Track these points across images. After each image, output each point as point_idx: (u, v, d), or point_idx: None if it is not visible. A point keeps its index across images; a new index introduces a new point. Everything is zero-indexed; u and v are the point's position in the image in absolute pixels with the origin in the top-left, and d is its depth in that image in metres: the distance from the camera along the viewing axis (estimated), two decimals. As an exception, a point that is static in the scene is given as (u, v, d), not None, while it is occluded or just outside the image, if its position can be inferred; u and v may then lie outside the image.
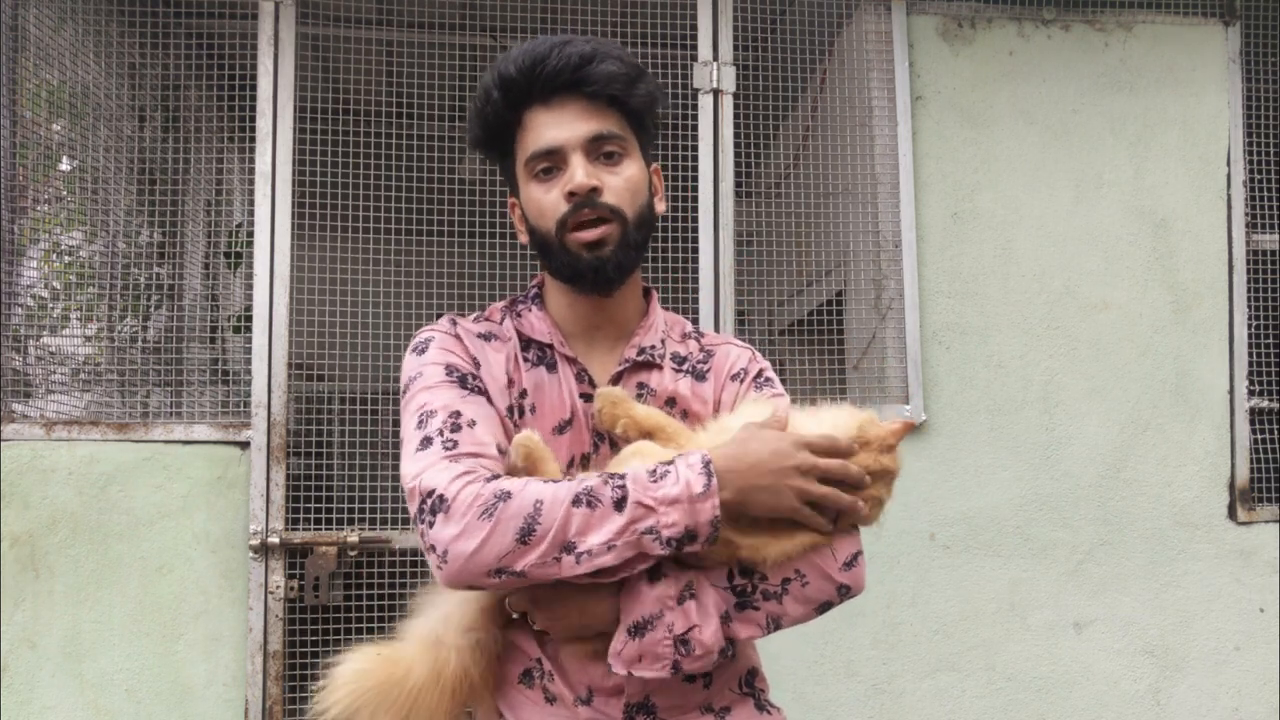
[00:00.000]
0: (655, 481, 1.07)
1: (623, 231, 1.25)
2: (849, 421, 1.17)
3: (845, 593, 1.18)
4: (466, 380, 1.23)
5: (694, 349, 1.38)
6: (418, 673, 1.16)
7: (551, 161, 1.24)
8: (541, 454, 1.19)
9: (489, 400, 1.24)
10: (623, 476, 1.08)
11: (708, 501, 1.06)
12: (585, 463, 1.27)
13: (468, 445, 1.14)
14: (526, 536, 1.05)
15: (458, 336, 1.29)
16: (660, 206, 1.36)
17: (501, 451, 1.19)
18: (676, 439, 1.20)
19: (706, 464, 1.08)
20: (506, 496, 1.06)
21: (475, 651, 1.18)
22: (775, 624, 1.16)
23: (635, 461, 1.14)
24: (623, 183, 1.25)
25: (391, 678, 1.16)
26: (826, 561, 1.16)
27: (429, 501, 1.09)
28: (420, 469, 1.12)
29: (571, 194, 1.22)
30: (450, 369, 1.23)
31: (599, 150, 1.25)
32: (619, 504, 1.06)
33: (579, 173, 1.22)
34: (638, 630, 1.10)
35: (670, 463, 1.09)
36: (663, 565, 1.11)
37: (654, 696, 1.18)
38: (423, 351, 1.26)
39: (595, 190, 1.23)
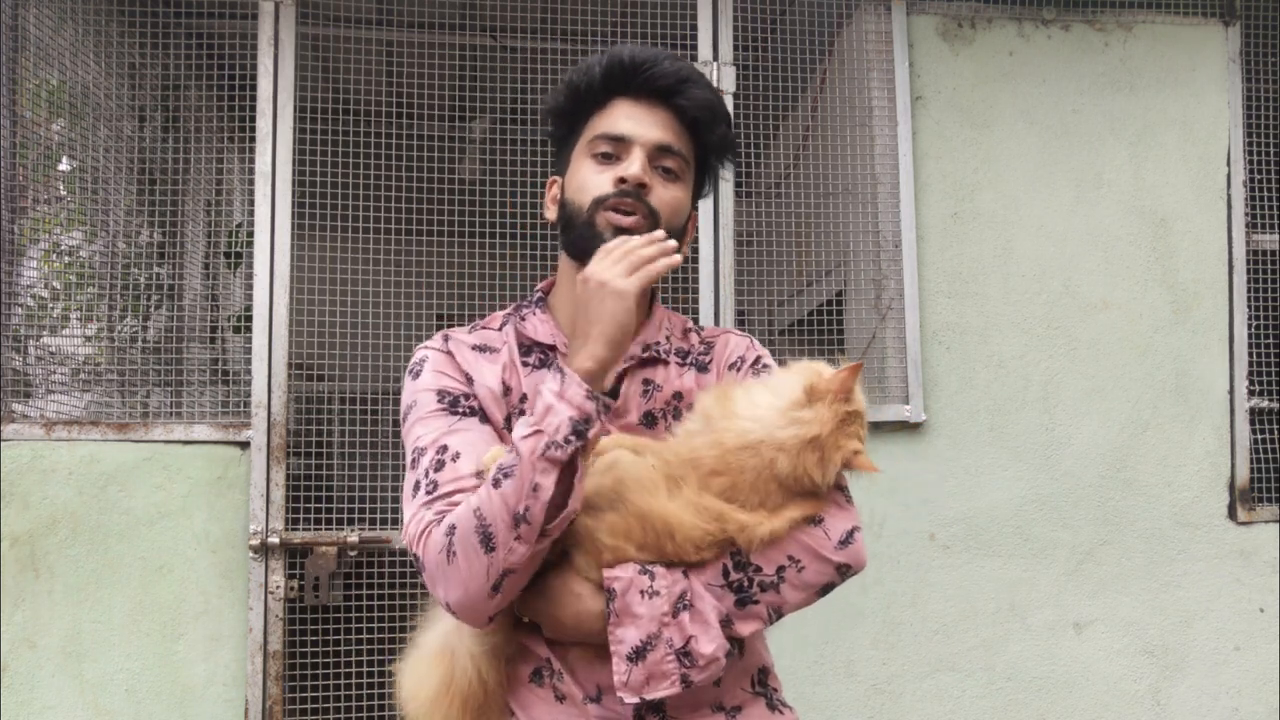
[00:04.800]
0: (530, 415, 1.08)
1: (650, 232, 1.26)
2: (795, 383, 1.16)
3: (846, 571, 1.17)
4: (458, 403, 1.24)
5: (695, 342, 1.40)
6: (426, 688, 1.16)
7: (614, 148, 1.28)
8: None
9: (482, 416, 1.25)
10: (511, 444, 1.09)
11: (571, 387, 1.06)
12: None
13: (447, 484, 1.16)
14: (489, 542, 1.06)
15: (450, 354, 1.30)
16: (683, 251, 1.37)
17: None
18: (649, 447, 1.20)
19: (559, 370, 1.08)
20: (452, 529, 1.09)
21: (488, 657, 1.18)
22: (777, 613, 1.15)
23: (606, 477, 1.14)
24: (669, 198, 1.29)
25: (402, 702, 1.17)
26: (820, 542, 1.15)
27: (415, 563, 1.14)
28: (408, 519, 1.15)
29: (622, 180, 1.25)
30: (442, 394, 1.25)
31: (660, 161, 1.29)
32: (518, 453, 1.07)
33: (636, 165, 1.25)
34: (638, 655, 1.09)
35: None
36: (654, 579, 1.10)
37: None
38: (417, 375, 1.28)
39: (644, 186, 1.26)
